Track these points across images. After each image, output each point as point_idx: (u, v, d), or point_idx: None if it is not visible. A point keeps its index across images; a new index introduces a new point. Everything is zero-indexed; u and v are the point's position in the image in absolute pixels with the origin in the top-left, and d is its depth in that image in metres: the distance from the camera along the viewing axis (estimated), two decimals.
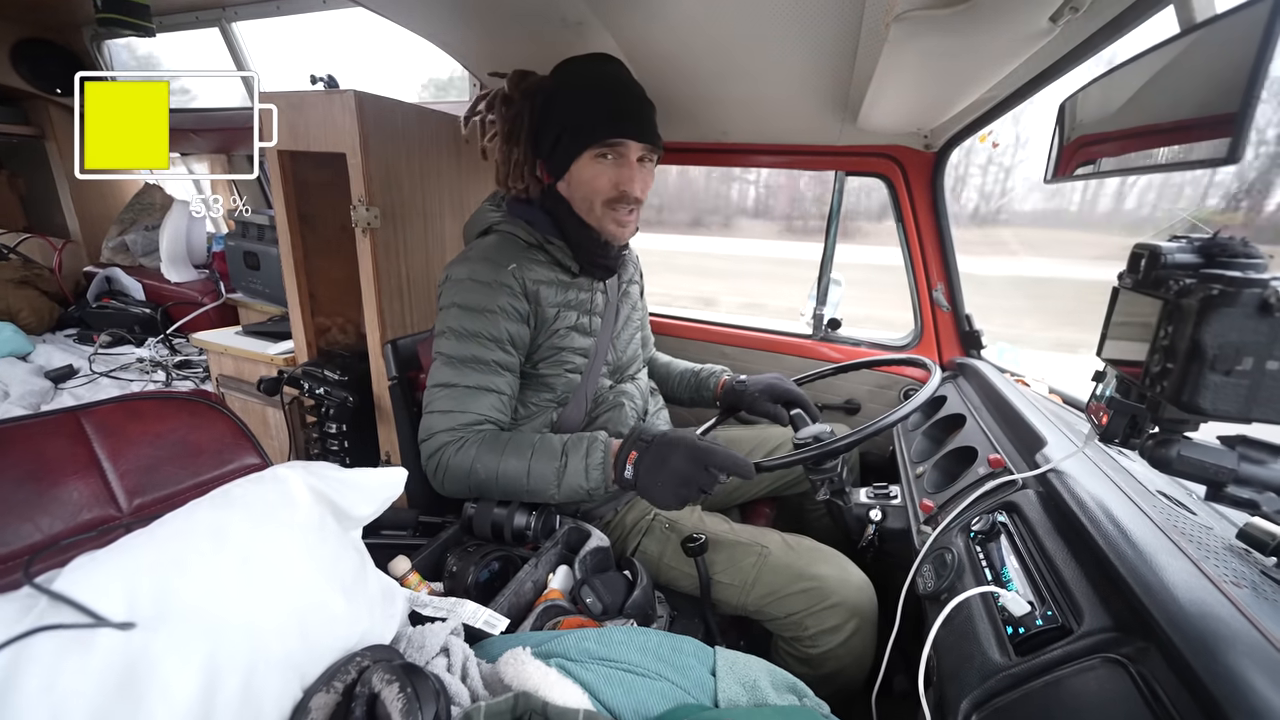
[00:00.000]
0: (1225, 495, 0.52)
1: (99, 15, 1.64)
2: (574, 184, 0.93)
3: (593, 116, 0.89)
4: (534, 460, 0.84)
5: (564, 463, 0.84)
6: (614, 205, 0.93)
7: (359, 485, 0.62)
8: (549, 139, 0.92)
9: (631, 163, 0.91)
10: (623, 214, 0.94)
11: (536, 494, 0.85)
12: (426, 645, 0.59)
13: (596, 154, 0.90)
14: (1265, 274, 0.47)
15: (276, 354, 1.64)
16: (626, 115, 0.90)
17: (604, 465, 0.84)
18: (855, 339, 1.60)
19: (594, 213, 0.94)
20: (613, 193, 0.92)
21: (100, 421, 0.72)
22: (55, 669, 0.38)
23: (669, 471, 0.78)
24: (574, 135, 0.89)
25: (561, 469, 0.84)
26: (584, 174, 0.91)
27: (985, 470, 0.84)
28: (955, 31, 0.69)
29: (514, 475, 0.85)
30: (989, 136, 1.21)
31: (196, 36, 2.28)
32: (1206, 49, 0.53)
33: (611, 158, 0.90)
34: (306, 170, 1.42)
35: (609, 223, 0.94)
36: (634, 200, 0.93)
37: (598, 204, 0.93)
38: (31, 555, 0.57)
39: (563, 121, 0.90)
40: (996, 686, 0.52)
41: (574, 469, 0.84)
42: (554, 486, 0.84)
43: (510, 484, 0.85)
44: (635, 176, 0.92)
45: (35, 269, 2.50)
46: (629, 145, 0.90)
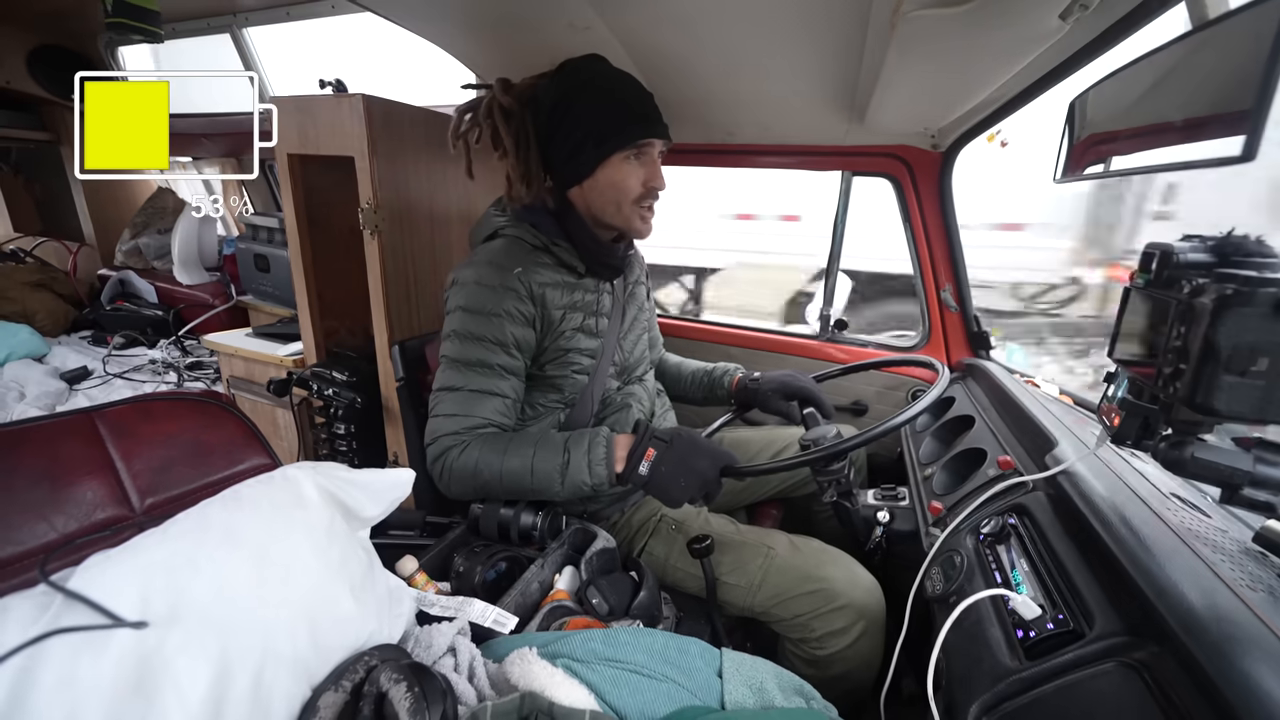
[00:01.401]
0: (1241, 498, 0.52)
1: (108, 20, 1.66)
2: (600, 187, 0.94)
3: (621, 121, 0.90)
4: (537, 458, 0.85)
5: (566, 459, 0.84)
6: (641, 202, 0.95)
7: (367, 486, 0.63)
8: (565, 149, 0.93)
9: (656, 159, 0.95)
10: (646, 210, 0.97)
11: (541, 491, 0.86)
12: (434, 645, 0.59)
13: (624, 156, 0.92)
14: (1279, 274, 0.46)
15: (286, 355, 1.65)
16: (650, 115, 0.94)
17: (607, 460, 0.84)
18: (862, 339, 1.59)
19: (621, 212, 0.95)
20: (641, 190, 0.94)
21: (114, 422, 0.73)
22: (71, 667, 0.39)
23: (691, 472, 0.80)
24: (600, 141, 0.90)
25: (564, 465, 0.84)
26: (614, 176, 0.92)
27: (995, 472, 0.83)
28: (963, 30, 0.68)
29: (518, 473, 0.85)
30: (997, 136, 1.20)
31: (210, 43, 2.31)
32: (1219, 45, 0.52)
33: (638, 158, 0.93)
34: (315, 174, 1.43)
35: (636, 220, 0.96)
36: (658, 194, 0.97)
37: (626, 204, 0.94)
38: (47, 554, 0.58)
39: (586, 129, 0.90)
40: (1007, 690, 0.51)
41: (576, 464, 0.84)
42: (557, 483, 0.84)
43: (514, 482, 0.85)
44: (660, 171, 0.96)
45: (51, 272, 2.54)
46: (654, 143, 0.94)
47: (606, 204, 0.95)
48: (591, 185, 0.94)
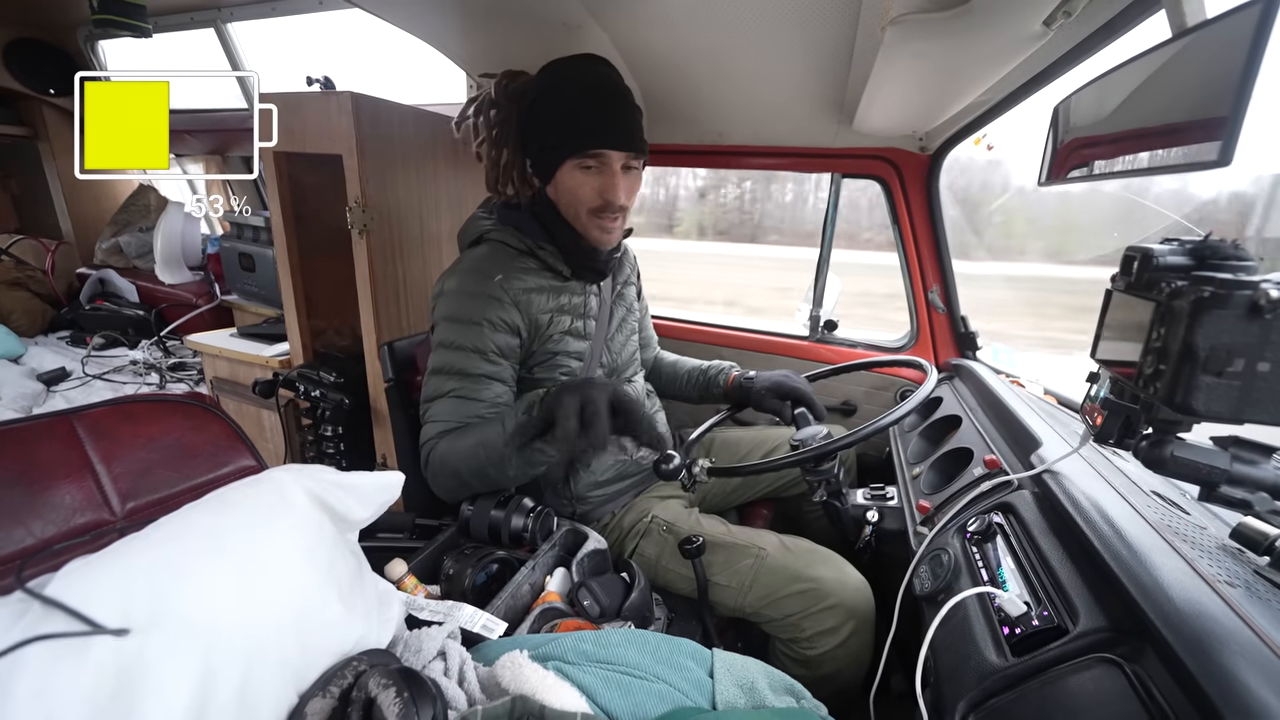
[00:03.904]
0: (1219, 495, 0.53)
1: (94, 16, 1.63)
2: (559, 191, 0.93)
3: (572, 128, 0.88)
4: (486, 429, 0.83)
5: (503, 424, 0.81)
6: (598, 214, 0.93)
7: (356, 488, 0.62)
8: (533, 148, 0.93)
9: (614, 171, 0.90)
10: (607, 221, 0.94)
11: (495, 464, 0.81)
12: (423, 649, 0.58)
13: (578, 164, 0.89)
14: (1255, 276, 0.47)
15: (272, 356, 1.63)
16: (606, 126, 0.89)
17: (530, 404, 0.79)
18: (851, 340, 1.60)
19: (580, 220, 0.94)
20: (597, 201, 0.91)
21: (93, 424, 0.72)
22: (48, 675, 0.38)
23: (579, 388, 0.74)
24: (556, 146, 0.89)
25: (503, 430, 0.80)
26: (567, 183, 0.91)
27: (981, 471, 0.85)
28: (950, 35, 0.69)
29: (470, 449, 0.83)
30: (983, 140, 1.21)
31: (191, 37, 2.27)
32: (1198, 53, 0.53)
33: (594, 166, 0.90)
34: (302, 171, 1.42)
35: (593, 229, 0.95)
36: (618, 208, 0.93)
37: (582, 212, 0.93)
38: (24, 559, 0.57)
39: (545, 130, 0.91)
40: (993, 686, 0.52)
41: (510, 423, 0.80)
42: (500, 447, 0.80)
43: (473, 462, 0.83)
44: (618, 185, 0.91)
45: (28, 270, 2.48)
46: (611, 155, 0.89)
47: (567, 209, 0.94)
48: (554, 189, 0.94)
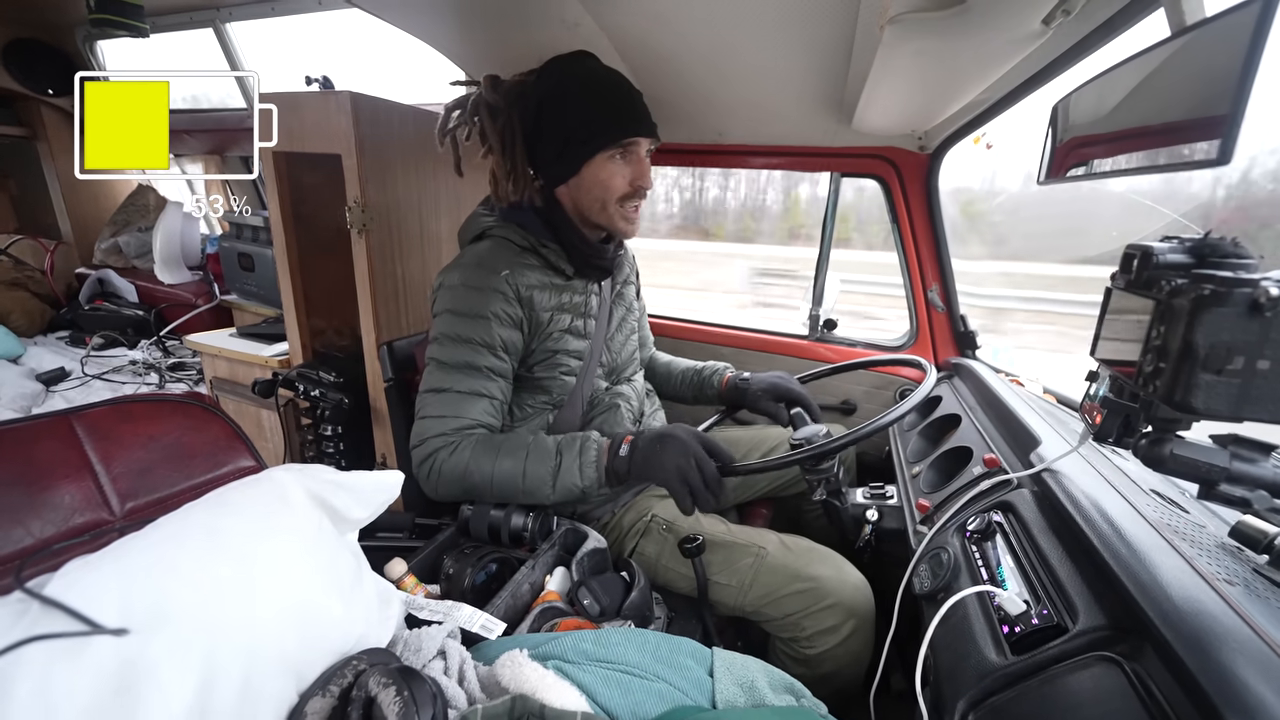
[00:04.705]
0: (1218, 493, 0.53)
1: (92, 16, 1.62)
2: (585, 186, 0.93)
3: (606, 119, 0.90)
4: (529, 461, 0.85)
5: (559, 462, 0.85)
6: (626, 201, 0.95)
7: (355, 488, 0.62)
8: (552, 146, 0.92)
9: (642, 158, 0.94)
10: (631, 210, 0.97)
11: (532, 495, 0.86)
12: (423, 648, 0.58)
13: (610, 155, 0.91)
14: (1255, 274, 0.47)
15: (271, 356, 1.63)
16: (636, 113, 0.93)
17: (598, 462, 0.84)
18: (851, 339, 1.60)
19: (606, 211, 0.95)
20: (628, 189, 0.94)
21: (92, 424, 0.72)
22: (48, 675, 0.38)
23: (669, 441, 0.81)
24: (586, 140, 0.90)
25: (556, 468, 0.84)
26: (599, 175, 0.92)
27: (980, 470, 0.85)
28: (949, 34, 0.69)
29: (509, 477, 0.85)
30: (983, 139, 1.21)
31: (190, 37, 2.27)
32: (1197, 51, 0.53)
33: (624, 156, 0.92)
34: (301, 171, 1.41)
35: (619, 219, 0.96)
36: (645, 194, 0.96)
37: (611, 203, 0.94)
38: (23, 559, 0.57)
39: (571, 127, 0.90)
40: (993, 685, 0.52)
41: (568, 467, 0.84)
42: (549, 487, 0.84)
43: (505, 486, 0.85)
44: (648, 169, 0.95)
45: (26, 271, 2.48)
46: (640, 142, 0.93)
47: (592, 203, 0.94)
48: (577, 184, 0.94)
